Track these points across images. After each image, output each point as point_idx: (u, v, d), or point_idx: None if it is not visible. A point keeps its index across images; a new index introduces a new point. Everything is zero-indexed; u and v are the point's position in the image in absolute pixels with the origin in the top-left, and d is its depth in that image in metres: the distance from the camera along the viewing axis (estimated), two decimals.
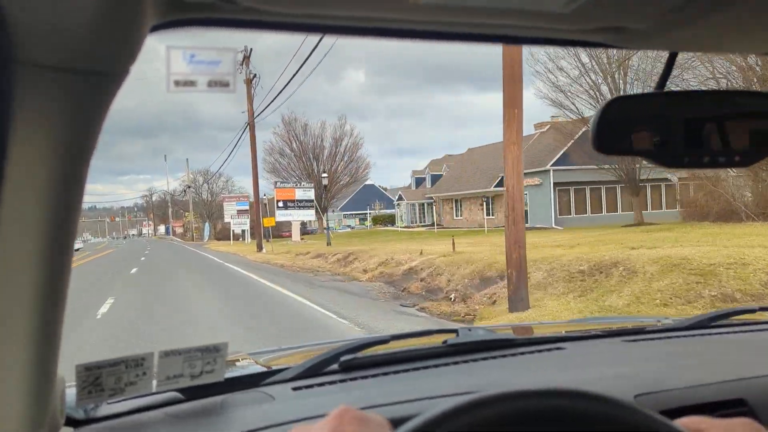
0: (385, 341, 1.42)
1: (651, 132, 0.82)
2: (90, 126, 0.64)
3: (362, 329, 8.11)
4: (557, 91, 27.16)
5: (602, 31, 0.75)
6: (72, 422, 0.99)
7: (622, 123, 0.81)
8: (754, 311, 1.73)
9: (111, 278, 18.13)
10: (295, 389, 1.18)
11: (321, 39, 17.24)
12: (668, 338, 1.55)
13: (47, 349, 0.70)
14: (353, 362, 1.28)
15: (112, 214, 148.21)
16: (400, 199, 53.76)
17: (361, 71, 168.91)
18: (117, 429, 1.02)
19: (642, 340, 1.53)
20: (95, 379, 0.89)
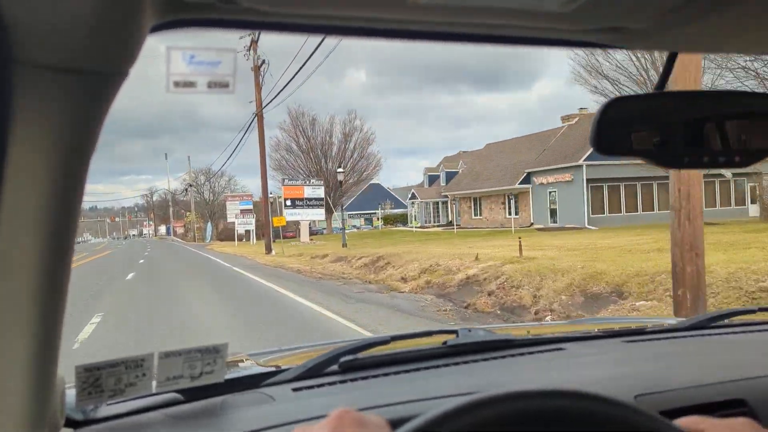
0: (386, 342, 1.42)
1: (651, 132, 0.81)
2: (90, 126, 0.64)
3: None
4: (599, 77, 24.35)
5: (602, 32, 0.75)
6: (72, 423, 0.98)
7: (622, 123, 0.81)
8: (754, 312, 1.72)
9: (103, 286, 15.45)
10: (296, 390, 1.18)
11: (323, 40, 17.37)
12: (668, 339, 1.55)
13: (47, 350, 0.71)
14: (353, 363, 1.28)
15: (113, 215, 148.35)
16: (413, 198, 50.76)
17: (362, 71, 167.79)
18: (117, 430, 1.01)
19: (642, 341, 1.52)
20: (95, 380, 0.89)
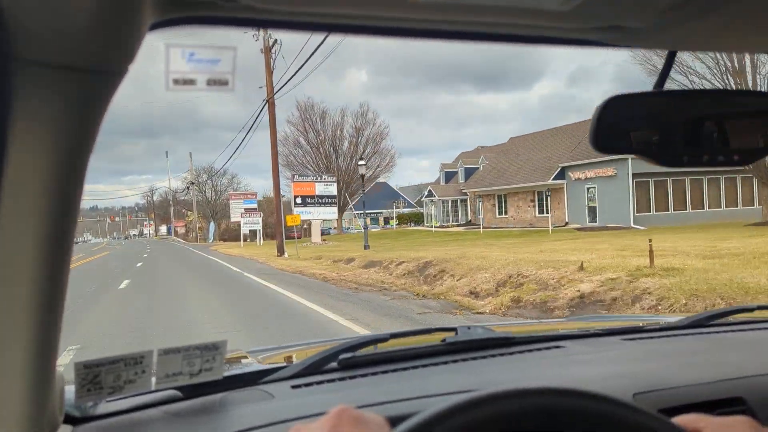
0: (384, 339, 1.42)
1: (650, 131, 0.81)
2: (89, 124, 0.64)
3: None
4: (661, 55, 21.46)
5: (602, 30, 0.75)
6: (71, 420, 0.98)
7: (621, 122, 0.81)
8: (752, 310, 1.72)
9: (89, 300, 12.09)
10: (294, 387, 1.18)
11: (325, 38, 16.94)
12: (667, 337, 1.55)
13: (46, 347, 0.71)
14: (352, 360, 1.28)
15: (113, 215, 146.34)
16: (430, 196, 47.58)
17: (363, 71, 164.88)
18: (116, 427, 1.01)
19: (641, 339, 1.52)
20: (94, 377, 0.89)
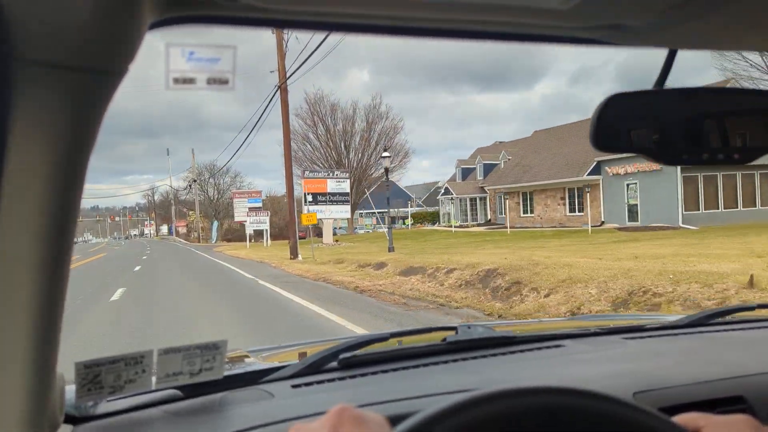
0: (385, 339, 1.41)
1: (650, 129, 0.81)
2: (89, 123, 0.64)
3: None
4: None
5: (601, 29, 0.75)
6: (71, 419, 0.98)
7: (621, 120, 0.81)
8: (752, 309, 1.71)
9: (75, 313, 9.74)
10: (294, 387, 1.18)
11: (326, 38, 16.70)
12: (667, 336, 1.54)
13: (46, 347, 0.70)
14: (352, 360, 1.28)
15: (114, 214, 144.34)
16: (447, 193, 44.63)
17: (365, 70, 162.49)
18: (116, 426, 1.01)
19: (641, 338, 1.52)
20: (95, 377, 0.89)
